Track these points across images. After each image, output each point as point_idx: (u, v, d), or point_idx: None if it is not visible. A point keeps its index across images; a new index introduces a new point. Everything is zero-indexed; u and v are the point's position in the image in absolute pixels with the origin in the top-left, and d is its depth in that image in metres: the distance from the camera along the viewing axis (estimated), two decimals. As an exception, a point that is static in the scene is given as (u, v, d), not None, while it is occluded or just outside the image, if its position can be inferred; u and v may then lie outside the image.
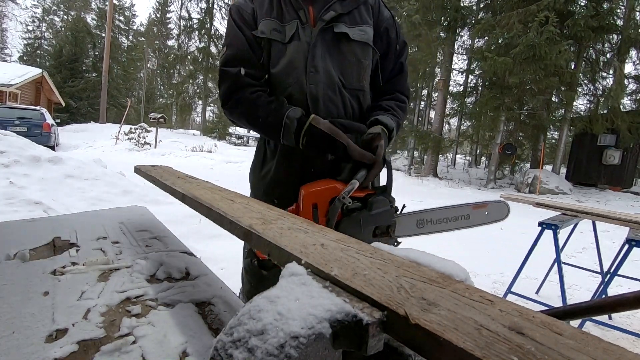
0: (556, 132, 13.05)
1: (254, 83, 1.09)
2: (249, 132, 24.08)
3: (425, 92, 19.05)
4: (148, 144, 13.32)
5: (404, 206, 1.01)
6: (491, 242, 4.51)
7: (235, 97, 1.08)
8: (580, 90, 11.58)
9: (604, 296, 2.27)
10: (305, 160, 1.10)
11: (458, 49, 14.27)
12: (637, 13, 10.57)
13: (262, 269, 1.05)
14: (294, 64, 1.06)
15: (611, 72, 11.13)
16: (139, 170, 1.17)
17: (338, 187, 0.92)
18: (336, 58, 1.07)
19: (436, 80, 13.88)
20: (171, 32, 33.62)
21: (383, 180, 1.05)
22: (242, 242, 1.11)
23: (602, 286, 2.45)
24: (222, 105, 1.11)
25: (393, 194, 1.00)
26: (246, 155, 12.44)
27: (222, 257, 2.77)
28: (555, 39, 8.99)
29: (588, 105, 12.68)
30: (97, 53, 27.73)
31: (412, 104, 16.48)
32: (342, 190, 0.90)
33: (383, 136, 1.00)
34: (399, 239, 1.02)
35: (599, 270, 2.85)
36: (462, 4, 12.12)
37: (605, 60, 11.38)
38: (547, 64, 9.24)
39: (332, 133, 0.96)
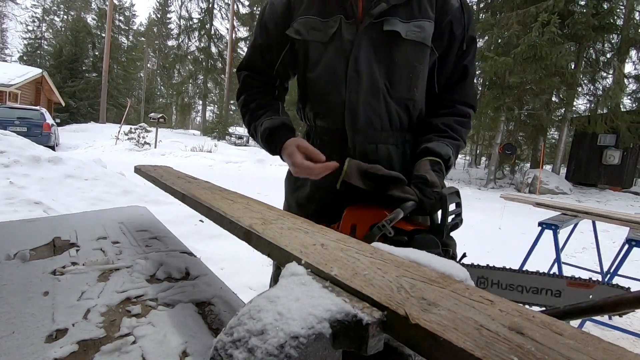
0: (556, 132, 13.05)
1: (255, 84, 1.01)
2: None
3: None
4: (148, 144, 13.32)
5: (464, 255, 0.85)
6: (491, 242, 4.51)
7: (240, 105, 1.02)
8: (580, 90, 11.58)
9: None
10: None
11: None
12: (637, 13, 10.57)
13: None
14: (333, 68, 0.91)
15: (611, 72, 11.14)
16: (139, 170, 1.17)
17: (384, 213, 0.79)
18: (384, 61, 0.90)
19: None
20: (171, 32, 33.62)
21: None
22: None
23: (602, 286, 2.44)
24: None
25: None
26: (246, 155, 12.44)
27: (222, 257, 2.77)
28: (556, 39, 9.00)
29: (588, 105, 12.68)
30: (97, 53, 27.73)
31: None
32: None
33: (433, 176, 0.83)
34: None
35: (599, 270, 2.84)
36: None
37: (605, 60, 11.39)
38: (547, 64, 9.25)
39: (369, 188, 0.81)
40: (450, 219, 0.79)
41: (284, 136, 0.90)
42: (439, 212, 0.79)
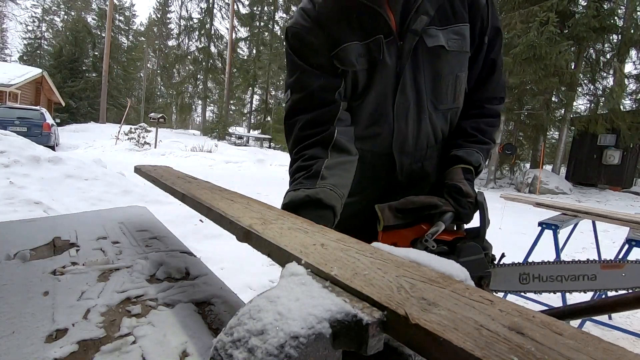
0: (556, 132, 13.06)
1: (313, 140, 0.85)
2: (249, 132, 24.09)
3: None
4: (148, 144, 13.32)
5: (502, 255, 0.87)
6: (491, 242, 4.51)
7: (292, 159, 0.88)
8: (580, 90, 11.60)
9: (604, 296, 2.27)
10: (385, 196, 0.91)
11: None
12: (638, 13, 10.57)
13: None
14: (381, 96, 0.85)
15: (611, 72, 11.14)
16: (139, 170, 1.17)
17: (423, 228, 0.79)
18: (428, 77, 0.85)
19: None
20: (171, 32, 33.63)
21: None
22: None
23: (602, 286, 2.44)
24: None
25: None
26: (246, 155, 12.45)
27: (222, 257, 2.77)
28: (555, 39, 9.00)
29: (588, 105, 12.69)
30: (97, 53, 27.74)
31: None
32: (426, 231, 0.77)
33: (467, 185, 0.82)
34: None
35: (599, 270, 2.84)
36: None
37: (605, 60, 11.39)
38: (547, 64, 9.25)
39: (409, 220, 0.80)
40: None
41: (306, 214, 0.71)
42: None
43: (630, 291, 0.75)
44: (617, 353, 0.25)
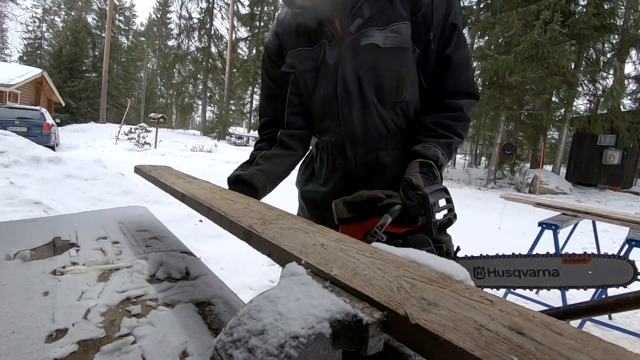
0: (556, 132, 13.06)
1: (268, 127, 1.09)
2: (249, 132, 24.09)
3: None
4: (148, 144, 13.32)
5: (458, 248, 0.86)
6: (491, 243, 4.51)
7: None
8: (580, 90, 11.59)
9: (604, 296, 2.27)
10: (348, 187, 1.01)
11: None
12: (638, 13, 10.58)
13: None
14: (326, 90, 0.96)
15: (611, 72, 11.14)
16: (139, 170, 1.17)
17: (374, 221, 0.81)
18: (369, 73, 0.93)
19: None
20: (171, 32, 33.62)
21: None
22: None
23: (602, 286, 2.44)
24: None
25: None
26: (246, 155, 12.40)
27: (222, 257, 2.77)
28: (558, 38, 8.99)
29: (588, 105, 12.69)
30: (97, 53, 27.74)
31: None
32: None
33: (418, 178, 0.84)
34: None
35: (599, 270, 2.84)
36: (462, 4, 12.14)
37: (606, 60, 11.39)
38: (549, 63, 9.24)
39: (360, 213, 0.83)
40: (442, 215, 0.81)
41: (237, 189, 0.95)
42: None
43: (630, 292, 0.75)
44: (617, 353, 0.25)
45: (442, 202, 0.81)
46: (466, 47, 0.96)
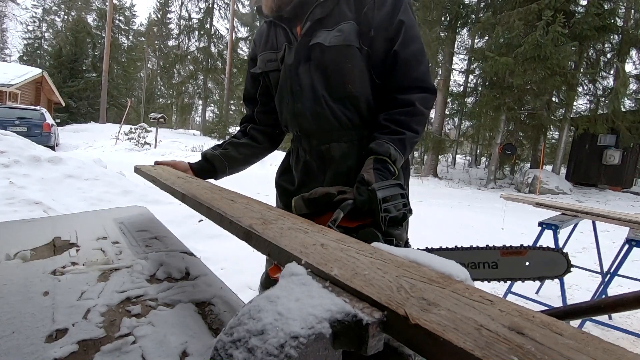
0: (556, 132, 13.05)
1: (244, 122, 1.27)
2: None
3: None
4: (148, 144, 13.33)
5: (407, 242, 0.88)
6: (491, 242, 4.51)
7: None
8: (580, 90, 11.59)
9: (604, 296, 2.27)
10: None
11: (458, 48, 14.28)
12: (638, 14, 10.57)
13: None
14: (284, 86, 1.07)
15: (612, 72, 11.14)
16: (139, 170, 1.17)
17: (330, 215, 0.84)
18: (319, 70, 1.01)
19: (436, 80, 13.89)
20: (171, 32, 33.60)
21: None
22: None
23: (602, 286, 2.45)
24: None
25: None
26: (246, 155, 12.42)
27: (222, 257, 2.77)
28: (560, 39, 8.97)
29: (588, 105, 12.69)
30: (97, 53, 27.74)
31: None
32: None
33: (370, 174, 0.89)
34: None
35: (599, 270, 2.85)
36: (463, 2, 12.14)
37: (606, 60, 11.39)
38: (551, 63, 9.21)
39: (316, 209, 0.87)
40: (397, 211, 0.83)
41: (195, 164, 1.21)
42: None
43: (630, 292, 0.75)
44: (617, 353, 0.25)
45: (395, 198, 0.84)
46: (418, 43, 0.97)
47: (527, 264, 0.77)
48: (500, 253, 0.79)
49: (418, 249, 0.89)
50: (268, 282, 1.25)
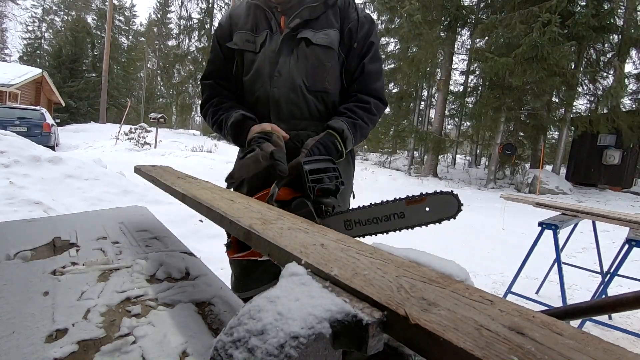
0: (556, 132, 13.05)
1: (224, 93, 1.22)
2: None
3: (425, 92, 19.08)
4: (148, 144, 13.32)
5: (333, 208, 0.96)
6: (491, 242, 4.51)
7: (206, 107, 1.22)
8: (580, 90, 11.58)
9: (604, 296, 2.27)
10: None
11: (458, 48, 14.28)
12: (638, 13, 10.57)
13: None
14: (262, 70, 1.12)
15: (611, 72, 11.14)
16: (139, 170, 1.17)
17: (268, 191, 0.93)
18: (301, 62, 1.10)
19: (436, 80, 13.89)
20: (171, 32, 33.59)
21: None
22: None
23: (602, 286, 2.45)
24: (201, 115, 1.26)
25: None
26: (246, 155, 12.38)
27: (222, 257, 2.76)
28: (557, 39, 8.97)
29: (588, 105, 12.68)
30: (97, 53, 27.74)
31: (412, 104, 16.43)
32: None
33: (308, 146, 1.00)
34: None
35: (599, 270, 2.85)
36: (462, 3, 12.14)
37: (606, 60, 11.38)
38: (550, 64, 9.21)
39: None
40: (331, 182, 0.92)
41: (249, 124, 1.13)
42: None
43: (630, 292, 0.75)
44: (617, 353, 0.25)
45: (327, 170, 0.93)
46: (380, 62, 1.19)
47: (427, 209, 0.86)
48: (405, 203, 0.87)
49: (341, 211, 0.95)
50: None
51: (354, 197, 1.28)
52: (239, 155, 1.22)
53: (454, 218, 0.86)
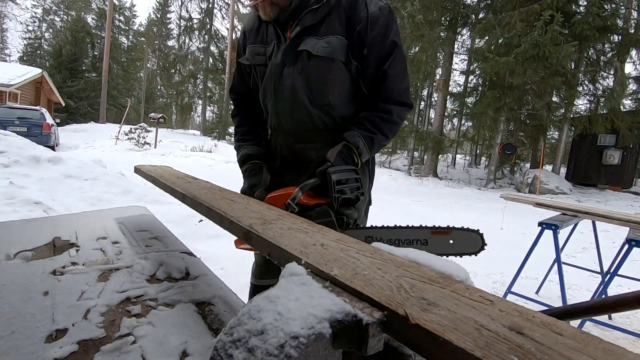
0: (556, 132, 13.05)
1: (244, 108, 1.27)
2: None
3: (425, 92, 19.08)
4: (148, 144, 13.32)
5: (355, 221, 0.97)
6: (491, 242, 4.50)
7: (234, 124, 1.29)
8: (580, 90, 11.57)
9: (604, 296, 2.27)
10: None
11: (458, 48, 14.28)
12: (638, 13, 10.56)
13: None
14: (267, 83, 1.11)
15: (612, 72, 11.13)
16: (139, 170, 1.17)
17: (292, 191, 0.92)
18: (303, 75, 1.06)
19: (436, 80, 13.88)
20: (171, 32, 33.57)
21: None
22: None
23: (602, 286, 2.45)
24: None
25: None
26: (246, 155, 12.39)
27: (222, 257, 2.77)
28: (559, 38, 8.96)
29: (588, 105, 12.68)
30: (97, 53, 27.74)
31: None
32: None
33: (331, 156, 0.98)
34: None
35: (599, 270, 2.85)
36: (463, 2, 12.12)
37: (606, 60, 11.38)
38: (551, 63, 9.19)
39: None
40: (351, 193, 0.92)
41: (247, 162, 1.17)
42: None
43: (630, 293, 0.75)
44: (617, 353, 0.25)
45: (350, 181, 0.93)
46: (404, 62, 1.09)
47: (450, 241, 0.88)
48: (430, 232, 0.89)
49: (364, 227, 0.95)
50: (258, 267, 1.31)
51: (370, 204, 1.24)
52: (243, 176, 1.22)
53: (476, 255, 0.89)
